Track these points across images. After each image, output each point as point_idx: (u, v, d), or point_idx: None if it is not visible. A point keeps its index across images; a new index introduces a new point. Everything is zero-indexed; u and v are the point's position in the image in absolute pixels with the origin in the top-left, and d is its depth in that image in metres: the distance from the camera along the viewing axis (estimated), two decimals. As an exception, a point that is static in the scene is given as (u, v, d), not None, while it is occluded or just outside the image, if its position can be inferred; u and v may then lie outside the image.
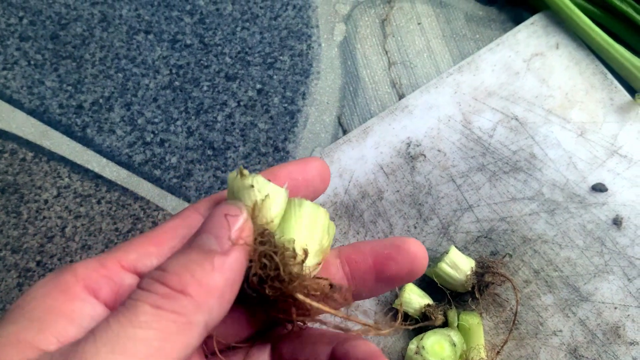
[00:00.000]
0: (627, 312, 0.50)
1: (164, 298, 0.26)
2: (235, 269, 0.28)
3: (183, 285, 0.27)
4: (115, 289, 0.29)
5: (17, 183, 0.55)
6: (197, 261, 0.28)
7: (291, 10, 0.62)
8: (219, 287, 0.27)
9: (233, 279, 0.28)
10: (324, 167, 0.35)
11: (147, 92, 0.59)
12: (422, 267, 0.34)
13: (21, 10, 0.61)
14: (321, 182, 0.35)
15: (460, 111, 0.57)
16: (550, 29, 0.60)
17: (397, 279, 0.34)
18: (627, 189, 0.54)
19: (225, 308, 0.28)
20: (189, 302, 0.26)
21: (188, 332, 0.26)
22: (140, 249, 0.31)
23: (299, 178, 0.34)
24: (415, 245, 0.34)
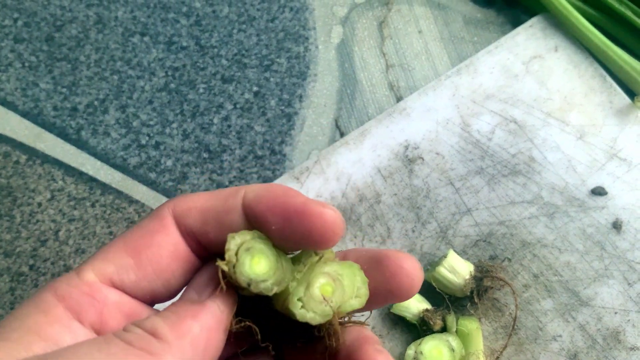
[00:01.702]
0: (627, 317, 0.50)
1: (137, 338, 0.26)
2: (211, 317, 0.28)
3: (156, 328, 0.27)
4: (99, 308, 0.29)
5: (10, 186, 0.55)
6: (173, 310, 0.28)
7: (288, 13, 0.62)
8: (192, 333, 0.27)
9: (209, 326, 0.28)
10: None
11: (142, 95, 0.58)
12: (417, 288, 0.31)
13: (16, 12, 0.61)
14: None
15: (459, 114, 0.56)
16: (549, 32, 0.59)
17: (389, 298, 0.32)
18: (627, 193, 0.53)
19: (203, 354, 0.28)
20: (159, 343, 0.26)
21: None
22: (117, 259, 0.30)
23: None
24: (411, 263, 0.31)
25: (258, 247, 0.29)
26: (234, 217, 0.30)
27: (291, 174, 0.55)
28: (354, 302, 0.30)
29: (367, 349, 0.30)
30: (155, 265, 0.30)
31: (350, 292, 0.30)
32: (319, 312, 0.29)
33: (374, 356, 0.29)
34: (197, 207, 0.31)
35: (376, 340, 0.31)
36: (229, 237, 0.29)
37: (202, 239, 0.31)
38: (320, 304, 0.29)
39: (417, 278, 0.31)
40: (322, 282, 0.30)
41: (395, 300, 0.32)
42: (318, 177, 0.54)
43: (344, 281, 0.30)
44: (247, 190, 0.31)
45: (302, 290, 0.29)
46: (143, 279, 0.30)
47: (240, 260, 0.28)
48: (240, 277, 0.28)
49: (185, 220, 0.31)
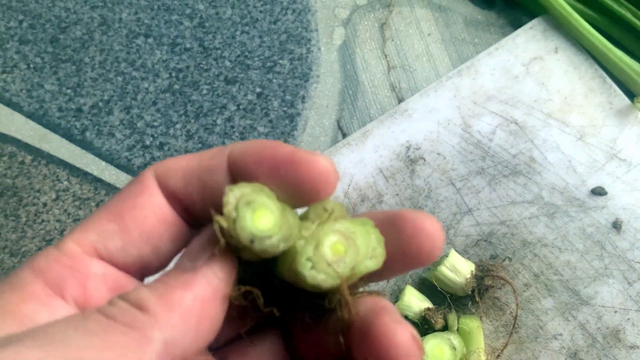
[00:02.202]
0: (627, 316, 0.50)
1: (121, 312, 0.23)
2: (206, 286, 0.25)
3: (141, 299, 0.24)
4: (82, 282, 0.26)
5: (15, 186, 0.55)
6: (162, 280, 0.25)
7: (291, 14, 0.62)
8: (183, 304, 0.24)
9: (203, 297, 0.25)
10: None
11: (146, 96, 0.59)
12: (439, 250, 0.28)
13: (21, 14, 0.61)
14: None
15: (460, 115, 0.57)
16: (549, 33, 0.60)
17: (408, 264, 0.28)
18: (627, 193, 0.54)
19: (197, 330, 0.25)
20: (145, 317, 0.23)
21: (140, 347, 0.22)
22: (99, 226, 0.27)
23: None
24: (431, 223, 0.27)
25: (260, 201, 0.25)
26: (219, 177, 0.27)
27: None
28: (370, 263, 0.27)
29: (384, 320, 0.26)
30: (140, 228, 0.27)
31: (364, 252, 0.26)
32: (330, 274, 0.26)
33: (393, 328, 0.25)
34: (179, 168, 0.28)
35: (394, 310, 0.27)
36: (227, 189, 0.25)
37: (186, 202, 0.28)
38: (332, 265, 0.26)
39: (439, 239, 0.27)
40: (333, 240, 0.26)
41: (414, 266, 0.28)
42: (320, 177, 0.55)
43: (357, 240, 0.26)
44: (233, 147, 0.28)
45: (311, 250, 0.26)
46: (129, 244, 0.27)
47: (240, 214, 0.25)
48: (242, 234, 0.25)
49: (168, 181, 0.28)
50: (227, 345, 0.31)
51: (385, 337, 0.25)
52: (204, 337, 0.25)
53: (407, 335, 0.25)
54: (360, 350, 0.26)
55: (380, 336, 0.25)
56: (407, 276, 0.52)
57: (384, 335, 0.25)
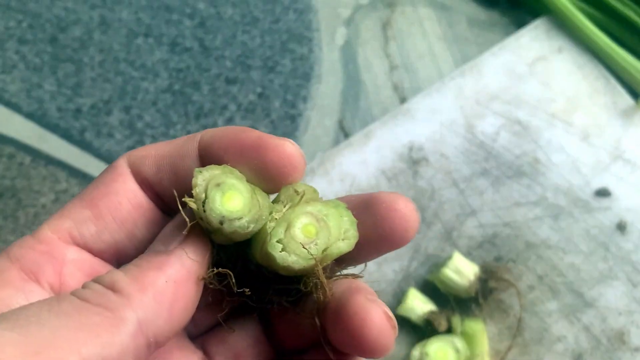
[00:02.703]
0: (631, 318, 0.50)
1: (94, 293, 0.24)
2: (179, 268, 0.25)
3: (114, 282, 0.24)
4: (58, 267, 0.27)
5: (14, 187, 0.55)
6: (136, 263, 0.25)
7: (292, 14, 0.62)
8: (156, 285, 0.24)
9: (177, 278, 0.25)
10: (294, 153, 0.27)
11: (146, 96, 0.58)
12: (413, 231, 0.28)
13: (20, 14, 0.61)
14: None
15: (463, 115, 0.56)
16: (553, 33, 0.59)
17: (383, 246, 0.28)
18: (631, 194, 0.54)
19: (171, 310, 0.25)
20: (118, 298, 0.23)
21: (113, 327, 0.22)
22: (74, 213, 0.28)
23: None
24: (405, 203, 0.27)
25: (230, 183, 0.26)
26: (189, 163, 0.28)
27: (296, 176, 0.55)
28: (342, 245, 0.26)
29: (358, 299, 0.26)
30: (114, 214, 0.28)
31: (336, 234, 0.26)
32: (301, 256, 0.26)
33: (366, 307, 0.25)
34: (151, 155, 0.29)
35: (369, 290, 0.27)
36: (195, 171, 0.25)
37: (158, 189, 0.29)
38: (304, 246, 0.26)
39: (412, 220, 0.27)
40: (304, 222, 0.26)
41: (389, 248, 0.28)
42: (322, 178, 0.55)
43: (329, 222, 0.27)
44: (204, 133, 0.28)
45: (282, 231, 0.26)
46: (104, 230, 0.28)
47: (210, 196, 0.25)
48: (212, 215, 0.25)
49: (140, 168, 0.29)
50: (207, 332, 0.31)
51: (359, 316, 0.25)
52: (179, 319, 0.25)
53: (380, 313, 0.25)
54: (335, 331, 0.26)
55: (353, 315, 0.25)
56: (411, 279, 0.52)
57: (358, 314, 0.25)
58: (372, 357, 0.26)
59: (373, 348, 0.25)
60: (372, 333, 0.25)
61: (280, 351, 0.31)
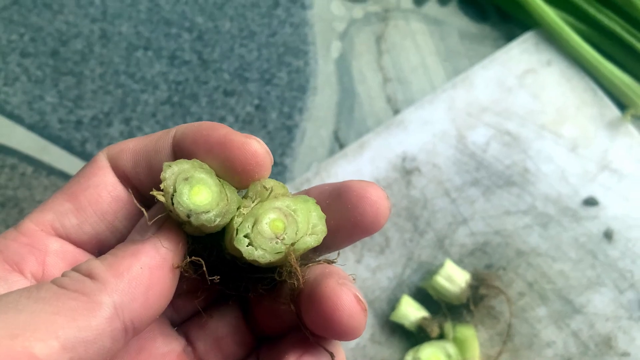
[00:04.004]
0: (618, 324, 0.51)
1: (71, 280, 0.24)
2: (153, 255, 0.26)
3: (91, 269, 0.25)
4: (41, 258, 0.28)
5: (17, 197, 0.56)
6: (112, 252, 0.26)
7: (288, 28, 0.63)
8: (131, 271, 0.25)
9: (151, 265, 0.26)
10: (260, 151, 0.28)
11: (146, 108, 0.60)
12: (384, 218, 0.28)
13: (22, 27, 0.62)
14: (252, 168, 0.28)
15: (455, 126, 0.58)
16: (542, 47, 0.61)
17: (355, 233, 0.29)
18: (618, 203, 0.55)
19: (146, 295, 0.25)
20: (94, 284, 0.24)
21: (89, 311, 0.23)
22: (55, 206, 0.29)
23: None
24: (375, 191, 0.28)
25: (198, 177, 0.26)
26: (163, 157, 0.29)
27: (292, 185, 0.56)
28: (309, 240, 0.27)
29: (329, 283, 0.26)
30: (95, 206, 0.29)
31: (304, 229, 0.27)
32: (269, 250, 0.26)
33: (337, 291, 0.26)
34: (129, 149, 0.30)
35: (342, 274, 0.28)
36: (164, 165, 0.26)
37: (135, 182, 0.30)
38: (271, 241, 0.26)
39: (383, 207, 0.28)
40: (272, 218, 0.27)
41: (361, 235, 0.29)
42: (318, 188, 0.56)
43: (297, 217, 0.27)
44: (178, 128, 0.29)
45: (249, 226, 0.26)
46: (85, 222, 0.29)
47: (178, 190, 0.26)
48: (179, 208, 0.26)
49: (118, 162, 0.30)
50: (189, 319, 0.32)
51: (330, 299, 0.26)
52: (155, 304, 0.26)
53: (351, 296, 0.26)
54: (309, 315, 0.27)
55: (325, 298, 0.26)
56: (404, 286, 0.53)
57: (329, 297, 0.26)
58: (344, 339, 0.26)
59: (344, 330, 0.26)
60: (343, 316, 0.26)
61: (259, 336, 0.32)
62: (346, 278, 0.27)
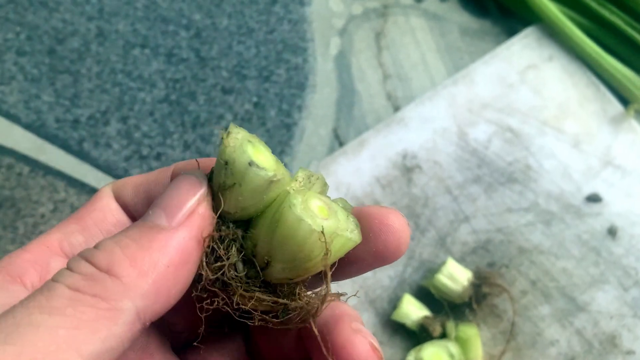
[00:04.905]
0: (623, 322, 0.51)
1: (85, 279, 0.22)
2: (182, 250, 0.24)
3: (111, 263, 0.23)
4: (43, 274, 0.27)
5: (13, 197, 0.55)
6: (135, 237, 0.24)
7: (287, 25, 0.62)
8: (156, 268, 0.23)
9: (178, 261, 0.24)
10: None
11: (143, 106, 0.59)
12: (405, 246, 0.27)
13: (18, 26, 0.61)
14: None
15: (456, 123, 0.57)
16: (544, 42, 0.60)
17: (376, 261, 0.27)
18: (621, 199, 0.54)
19: (168, 296, 0.23)
20: (115, 285, 0.22)
21: (110, 320, 0.21)
22: (62, 227, 0.28)
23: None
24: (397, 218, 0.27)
25: (260, 145, 0.26)
26: (162, 189, 0.28)
27: (291, 184, 0.55)
28: (350, 235, 0.26)
29: (343, 329, 0.25)
30: (100, 226, 0.29)
31: (344, 226, 0.26)
32: (316, 222, 0.24)
33: (351, 339, 0.25)
34: (131, 183, 0.30)
35: (354, 316, 0.26)
36: (230, 126, 0.25)
37: (134, 211, 0.30)
38: (317, 217, 0.25)
39: (405, 235, 0.26)
40: (318, 204, 0.26)
41: (381, 263, 0.27)
42: (318, 186, 0.55)
43: (338, 214, 0.26)
44: (177, 164, 0.29)
45: (300, 200, 0.25)
46: (91, 239, 0.28)
47: (242, 143, 0.25)
48: (241, 157, 0.24)
49: (121, 193, 0.30)
50: (190, 347, 0.31)
51: (344, 349, 0.25)
52: (173, 301, 0.24)
53: (367, 345, 0.25)
54: (320, 359, 0.26)
55: (339, 347, 0.25)
56: (405, 284, 0.52)
57: (343, 346, 0.25)
58: None
59: None
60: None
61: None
62: (359, 320, 0.26)
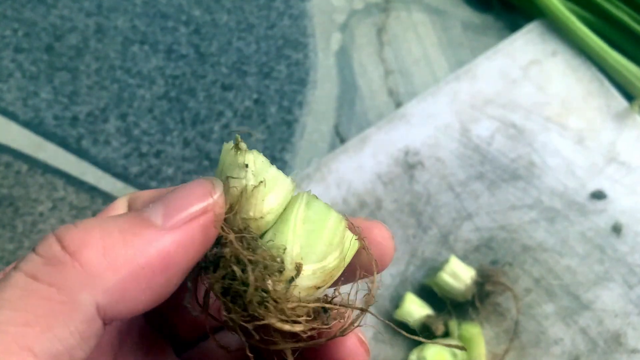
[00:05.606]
0: (627, 320, 0.50)
1: (45, 264, 0.20)
2: (165, 255, 0.21)
3: (81, 246, 0.20)
4: None
5: (12, 196, 0.55)
6: (121, 225, 0.21)
7: (287, 20, 0.62)
8: (129, 266, 0.20)
9: (157, 266, 0.21)
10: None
11: (142, 103, 0.58)
12: (390, 258, 0.27)
13: (16, 22, 0.61)
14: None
15: (458, 119, 0.57)
16: (547, 37, 0.60)
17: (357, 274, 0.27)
18: (626, 196, 0.54)
19: (135, 300, 0.21)
20: (76, 273, 0.20)
21: (65, 315, 0.19)
22: None
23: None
24: (381, 231, 0.26)
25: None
26: None
27: (292, 181, 0.55)
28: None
29: None
30: None
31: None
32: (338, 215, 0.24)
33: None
34: (145, 195, 0.28)
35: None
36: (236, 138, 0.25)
37: None
38: None
39: (389, 248, 0.26)
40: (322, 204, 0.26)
41: (362, 276, 0.26)
42: (319, 184, 0.55)
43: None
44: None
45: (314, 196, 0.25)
46: None
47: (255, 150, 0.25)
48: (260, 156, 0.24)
49: (134, 205, 0.28)
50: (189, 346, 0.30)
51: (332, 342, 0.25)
52: (144, 307, 0.22)
53: (354, 339, 0.26)
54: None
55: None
56: (408, 283, 0.52)
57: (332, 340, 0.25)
58: None
59: None
60: None
61: None
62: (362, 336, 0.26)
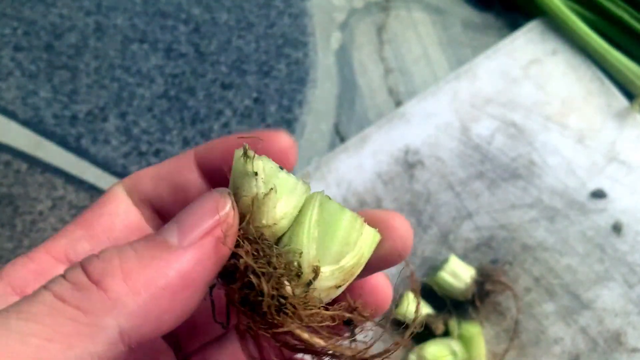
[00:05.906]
0: (628, 319, 0.50)
1: (73, 289, 0.21)
2: (184, 274, 0.22)
3: (104, 274, 0.21)
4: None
5: (11, 195, 0.55)
6: (139, 250, 0.22)
7: (287, 19, 0.62)
8: (150, 288, 0.21)
9: (178, 285, 0.22)
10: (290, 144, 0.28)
11: (142, 102, 0.58)
12: (409, 249, 0.27)
13: (15, 21, 0.61)
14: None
15: (458, 118, 0.57)
16: (547, 36, 0.59)
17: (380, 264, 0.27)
18: (627, 195, 0.54)
19: (159, 320, 0.22)
20: (100, 299, 0.20)
21: (88, 337, 0.20)
22: (69, 233, 0.27)
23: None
24: (401, 221, 0.27)
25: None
26: (189, 174, 0.28)
27: (292, 180, 0.55)
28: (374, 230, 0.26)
29: None
30: (109, 233, 0.28)
31: None
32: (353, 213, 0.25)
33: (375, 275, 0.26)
34: (147, 174, 0.29)
35: None
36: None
37: (156, 203, 0.29)
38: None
39: (409, 238, 0.27)
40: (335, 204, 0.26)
41: (384, 267, 0.27)
42: (319, 183, 0.55)
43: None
44: (197, 148, 0.29)
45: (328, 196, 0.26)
46: (98, 247, 0.26)
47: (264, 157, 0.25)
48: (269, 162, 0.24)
49: (138, 187, 0.28)
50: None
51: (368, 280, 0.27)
52: (167, 327, 0.22)
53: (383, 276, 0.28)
54: None
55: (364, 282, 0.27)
56: (407, 282, 0.52)
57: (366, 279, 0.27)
58: None
59: None
60: None
61: None
62: None
